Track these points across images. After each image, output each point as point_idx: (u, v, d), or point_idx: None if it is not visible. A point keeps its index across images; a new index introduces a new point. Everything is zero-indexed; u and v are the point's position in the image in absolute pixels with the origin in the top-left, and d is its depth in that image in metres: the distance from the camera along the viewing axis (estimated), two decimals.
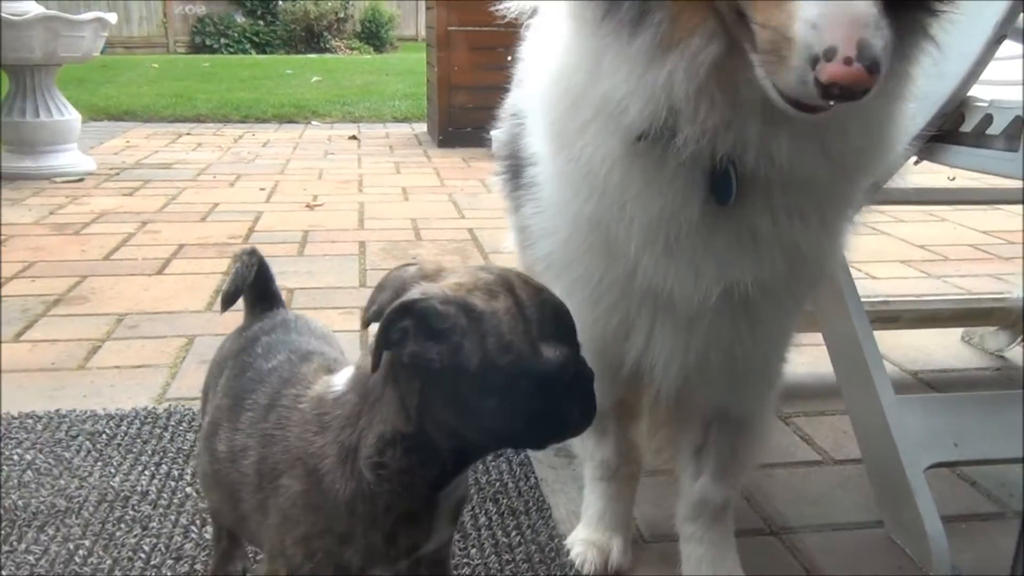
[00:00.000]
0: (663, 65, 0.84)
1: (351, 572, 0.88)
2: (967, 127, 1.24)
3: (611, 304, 1.08)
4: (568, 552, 1.30)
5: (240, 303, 1.14)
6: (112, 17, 4.41)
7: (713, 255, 0.98)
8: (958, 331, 2.28)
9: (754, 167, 0.89)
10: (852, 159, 0.94)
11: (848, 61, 0.71)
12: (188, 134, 6.00)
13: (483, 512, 1.40)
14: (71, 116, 4.41)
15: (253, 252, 1.14)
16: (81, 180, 4.24)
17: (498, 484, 1.49)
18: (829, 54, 0.71)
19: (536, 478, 1.51)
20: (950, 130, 1.27)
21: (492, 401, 0.80)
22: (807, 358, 2.11)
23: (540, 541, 1.32)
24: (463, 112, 5.42)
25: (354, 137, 5.96)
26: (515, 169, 1.25)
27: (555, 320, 0.83)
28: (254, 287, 1.12)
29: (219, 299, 1.13)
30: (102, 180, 4.27)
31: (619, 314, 1.09)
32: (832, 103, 0.75)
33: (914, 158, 1.35)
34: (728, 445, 1.21)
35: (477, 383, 0.79)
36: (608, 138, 0.94)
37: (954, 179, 1.97)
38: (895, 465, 1.36)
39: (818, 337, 2.14)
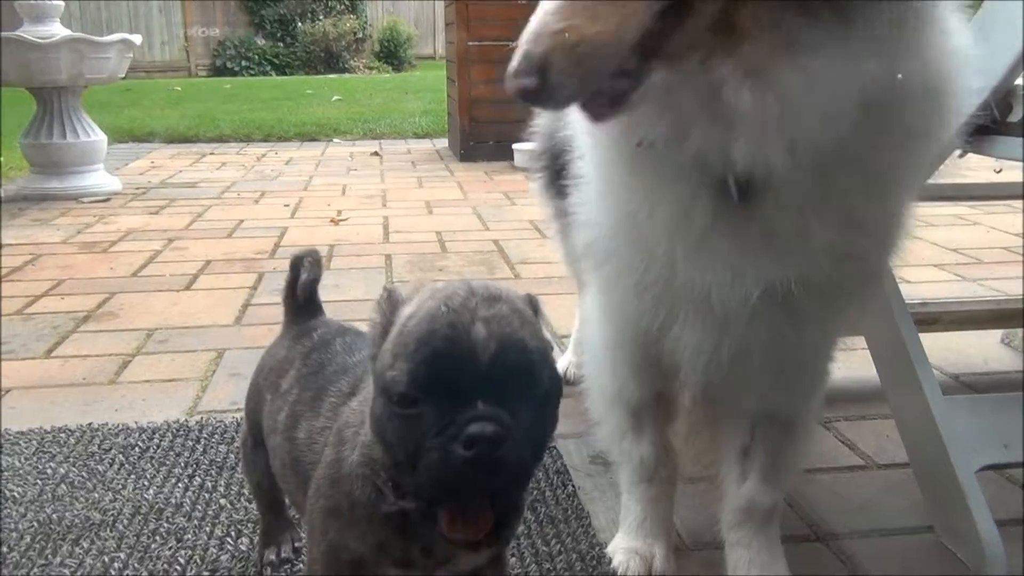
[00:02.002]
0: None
1: (366, 568, 0.87)
2: (1015, 117, 1.21)
3: (651, 298, 1.06)
4: (610, 561, 1.26)
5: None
6: (137, 38, 4.45)
7: (747, 255, 0.96)
8: (997, 333, 2.23)
9: (755, 173, 0.88)
10: (863, 155, 0.90)
11: (514, 74, 0.77)
12: (212, 154, 6.05)
13: (522, 521, 1.37)
14: (97, 137, 4.45)
15: (314, 253, 1.15)
16: (108, 200, 4.27)
17: (536, 493, 1.46)
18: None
19: (574, 486, 1.48)
20: (997, 121, 1.24)
21: (372, 414, 0.78)
22: (841, 362, 2.07)
23: (580, 550, 1.29)
24: (484, 126, 5.42)
25: (376, 153, 5.98)
26: (556, 157, 1.26)
27: (428, 343, 0.70)
28: (304, 293, 1.13)
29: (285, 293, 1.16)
30: (129, 199, 4.30)
31: (657, 308, 1.07)
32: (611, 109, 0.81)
33: (959, 151, 1.31)
34: (775, 447, 1.18)
35: (375, 390, 0.78)
36: (617, 139, 0.95)
37: (1000, 171, 1.93)
38: (945, 468, 1.32)
39: (854, 341, 2.11)
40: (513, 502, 0.74)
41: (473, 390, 0.69)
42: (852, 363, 2.06)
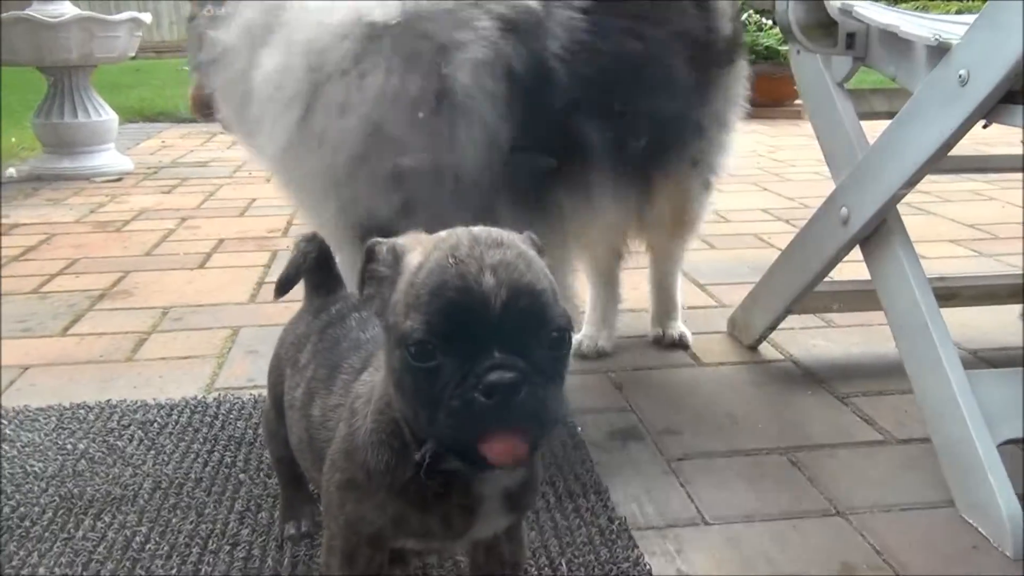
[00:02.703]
0: None
1: (384, 541, 0.87)
2: None
3: None
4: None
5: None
6: (147, 17, 4.44)
7: None
8: (1014, 309, 2.21)
9: None
10: None
11: None
12: (221, 133, 6.00)
13: (540, 495, 1.37)
14: (108, 116, 4.44)
15: (311, 239, 1.15)
16: (120, 179, 4.27)
17: (553, 467, 1.46)
18: None
19: (592, 460, 1.48)
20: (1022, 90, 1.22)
21: (390, 369, 0.78)
22: (859, 338, 2.07)
23: (599, 524, 1.29)
24: None
25: None
26: None
27: (441, 295, 0.71)
28: (316, 271, 1.13)
29: (276, 285, 1.13)
30: (140, 179, 4.30)
31: None
32: None
33: (983, 122, 1.30)
34: None
35: (388, 344, 0.77)
36: None
37: None
38: (966, 442, 1.32)
39: (869, 316, 2.10)
40: (541, 437, 0.74)
41: (488, 338, 0.70)
42: (870, 338, 2.06)
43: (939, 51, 1.36)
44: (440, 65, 1.21)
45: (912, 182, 1.46)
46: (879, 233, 1.57)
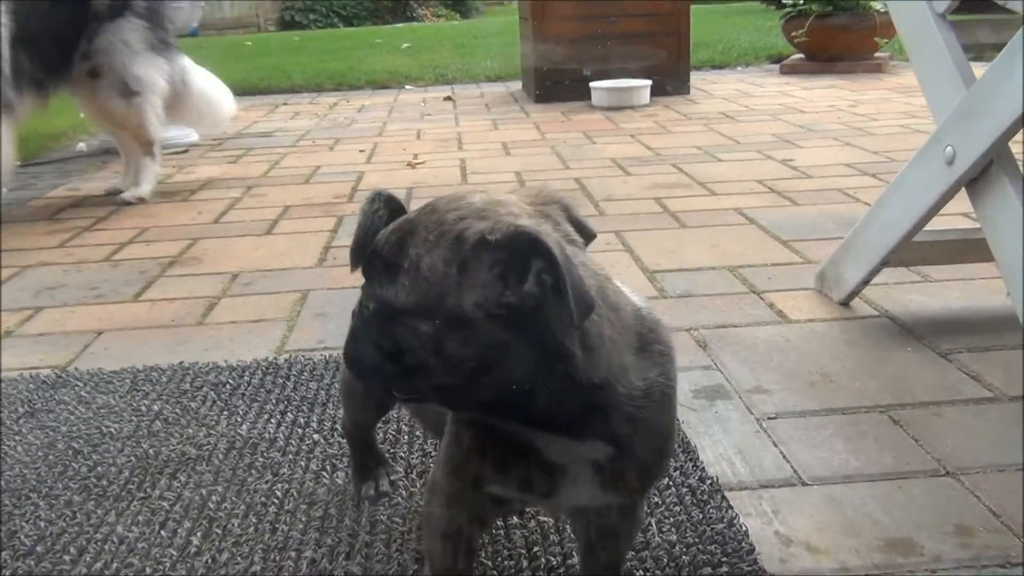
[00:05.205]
0: None
1: (478, 488, 0.86)
2: None
3: None
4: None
5: None
6: None
7: None
8: None
9: None
10: None
11: None
12: (284, 104, 6.07)
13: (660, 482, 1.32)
14: None
15: (375, 197, 1.08)
16: (187, 151, 4.33)
17: None
18: None
19: (679, 420, 1.42)
20: None
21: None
22: (959, 292, 1.96)
23: (690, 484, 1.23)
24: (560, 66, 5.30)
25: (449, 98, 5.91)
26: None
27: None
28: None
29: (349, 255, 1.08)
30: (206, 150, 4.35)
31: None
32: None
33: None
34: None
35: None
36: None
37: None
38: None
39: (970, 270, 1.99)
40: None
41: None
42: (971, 292, 1.95)
43: None
44: None
45: None
46: (988, 174, 1.46)
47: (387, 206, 1.05)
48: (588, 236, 0.82)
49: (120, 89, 3.17)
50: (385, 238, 0.77)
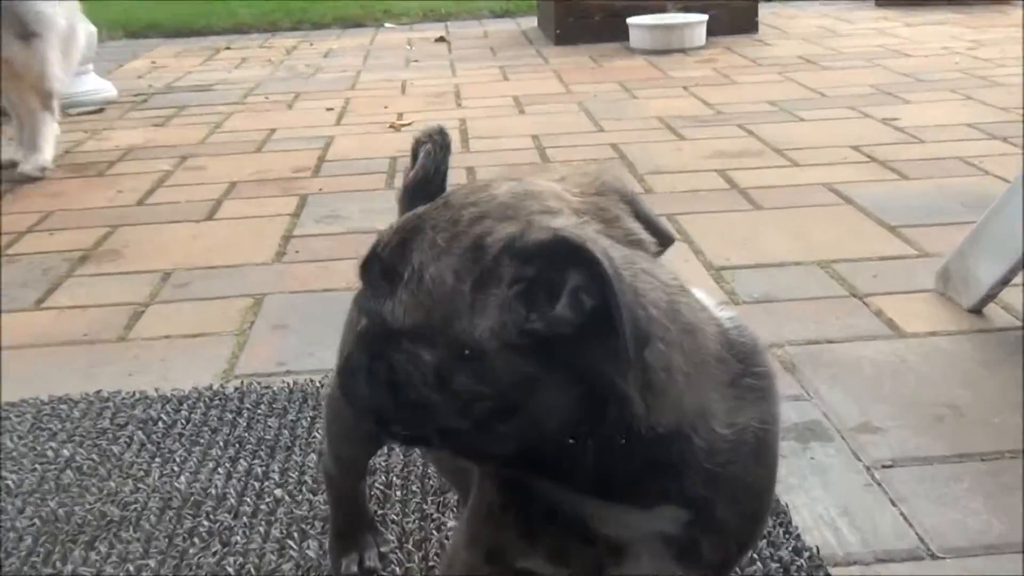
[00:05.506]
0: None
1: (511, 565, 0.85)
2: None
3: None
4: None
5: None
6: None
7: None
8: None
9: None
10: None
11: None
12: (228, 48, 6.11)
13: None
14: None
15: (443, 131, 1.07)
16: (101, 110, 4.33)
17: None
18: None
19: None
20: None
21: None
22: None
23: (782, 557, 1.21)
24: None
25: (442, 39, 5.96)
26: None
27: None
28: (433, 184, 1.04)
29: (399, 194, 1.07)
30: (126, 109, 4.36)
31: None
32: None
33: None
34: None
35: None
36: None
37: None
38: None
39: None
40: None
41: None
42: None
43: None
44: None
45: None
46: None
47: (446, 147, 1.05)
48: (664, 240, 0.80)
49: (17, 30, 3.15)
50: (387, 236, 0.75)
